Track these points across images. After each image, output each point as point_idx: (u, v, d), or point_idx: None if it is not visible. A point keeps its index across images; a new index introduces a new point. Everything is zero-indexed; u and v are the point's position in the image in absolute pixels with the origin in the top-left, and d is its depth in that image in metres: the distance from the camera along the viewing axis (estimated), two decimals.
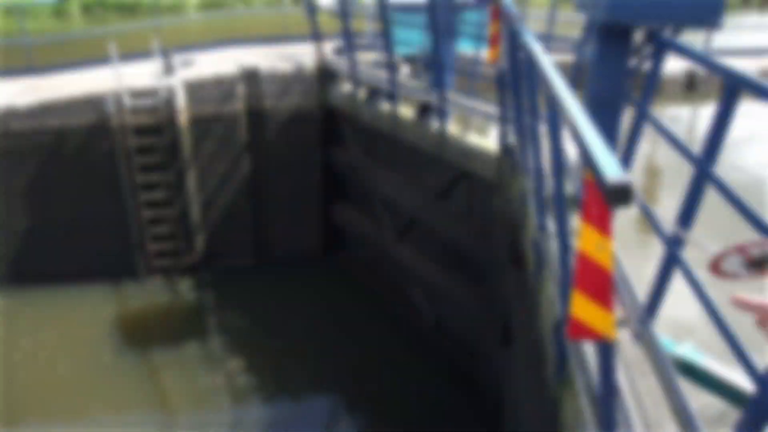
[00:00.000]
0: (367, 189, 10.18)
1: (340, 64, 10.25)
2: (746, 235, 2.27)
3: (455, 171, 8.00)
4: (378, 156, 9.98)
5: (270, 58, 11.29)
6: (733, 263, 1.96)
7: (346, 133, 10.70)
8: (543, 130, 3.96)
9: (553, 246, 4.06)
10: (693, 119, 12.05)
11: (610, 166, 1.65)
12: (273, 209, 11.27)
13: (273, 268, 11.60)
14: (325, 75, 10.59)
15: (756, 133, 10.64)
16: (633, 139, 4.09)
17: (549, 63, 3.04)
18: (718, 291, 2.70)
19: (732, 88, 2.84)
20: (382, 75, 9.15)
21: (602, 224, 1.87)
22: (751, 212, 2.54)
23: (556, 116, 2.92)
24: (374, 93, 9.42)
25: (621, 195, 1.58)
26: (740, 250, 1.94)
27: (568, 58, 9.79)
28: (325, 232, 11.70)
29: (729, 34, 17.36)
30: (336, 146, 10.95)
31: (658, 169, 9.43)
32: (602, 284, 2.00)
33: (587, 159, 1.79)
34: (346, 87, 10.33)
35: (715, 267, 1.98)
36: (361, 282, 11.15)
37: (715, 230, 5.71)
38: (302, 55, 11.37)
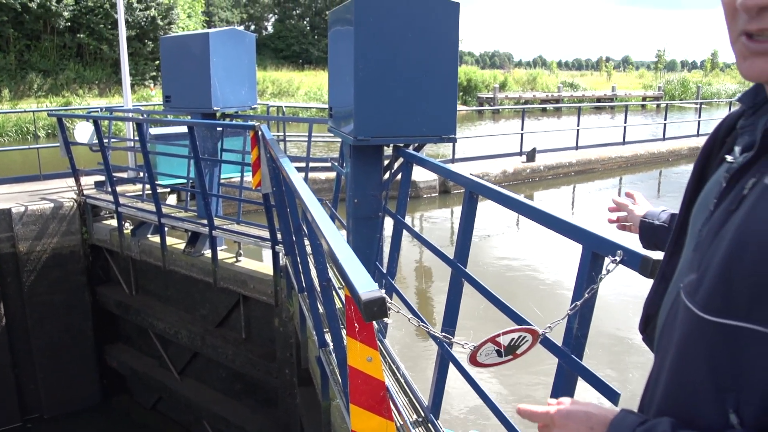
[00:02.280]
0: (143, 326, 9.68)
1: (103, 198, 9.86)
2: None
3: (232, 297, 7.91)
4: (150, 290, 9.59)
5: (24, 197, 10.57)
6: (488, 353, 2.13)
7: (115, 269, 10.19)
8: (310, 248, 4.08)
9: (334, 361, 4.12)
10: (450, 220, 13.03)
11: (363, 283, 1.74)
12: (38, 361, 10.26)
13: (43, 426, 10.45)
14: (87, 211, 10.11)
15: (497, 228, 11.74)
16: (394, 247, 4.34)
17: (303, 185, 3.17)
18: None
19: (469, 193, 3.16)
20: (147, 207, 8.93)
21: (366, 338, 1.94)
22: (501, 303, 2.79)
23: (316, 236, 3.03)
24: (141, 226, 9.14)
25: (376, 309, 1.66)
26: (492, 340, 2.11)
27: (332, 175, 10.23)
28: (101, 378, 10.84)
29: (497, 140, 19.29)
30: (105, 284, 10.37)
31: (429, 270, 10.01)
32: (376, 395, 2.05)
33: (343, 277, 1.87)
34: (110, 222, 9.92)
35: (474, 359, 2.14)
36: (145, 426, 10.39)
37: (482, 319, 6.13)
38: (61, 191, 10.79)
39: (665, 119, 22.37)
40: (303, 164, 9.32)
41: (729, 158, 1.06)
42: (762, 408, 0.89)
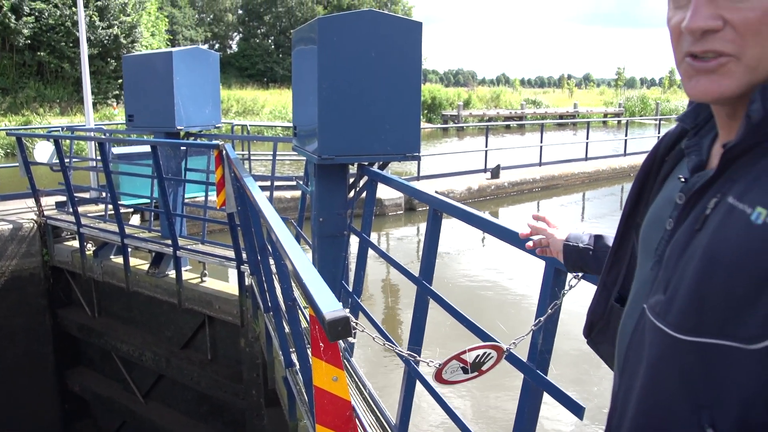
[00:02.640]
0: (106, 349, 9.50)
1: (64, 219, 9.70)
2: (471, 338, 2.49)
3: (197, 318, 7.82)
4: (114, 313, 9.42)
5: None
6: (453, 370, 2.14)
7: (77, 291, 10.00)
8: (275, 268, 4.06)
9: (301, 381, 4.09)
10: (416, 237, 13.06)
11: (327, 303, 1.74)
12: None
13: None
14: (48, 232, 9.92)
15: (463, 245, 11.80)
16: (360, 265, 4.34)
17: (268, 205, 3.16)
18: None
19: (434, 211, 3.18)
20: (110, 227, 8.81)
21: (332, 357, 1.93)
22: (467, 320, 2.80)
23: (280, 256, 3.03)
24: (103, 247, 9.00)
25: (340, 329, 1.66)
26: (457, 358, 2.12)
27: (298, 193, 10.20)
28: (62, 403, 10.59)
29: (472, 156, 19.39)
30: (66, 307, 10.16)
31: (396, 287, 10.01)
32: (342, 414, 2.04)
33: (307, 297, 1.87)
34: (72, 243, 9.75)
35: (439, 377, 2.14)
36: None
37: (449, 336, 6.15)
38: (20, 212, 10.59)
39: (626, 135, 22.77)
40: (268, 183, 9.30)
41: (682, 177, 1.08)
42: (738, 421, 0.91)
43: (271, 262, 4.51)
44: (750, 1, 0.90)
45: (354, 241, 4.76)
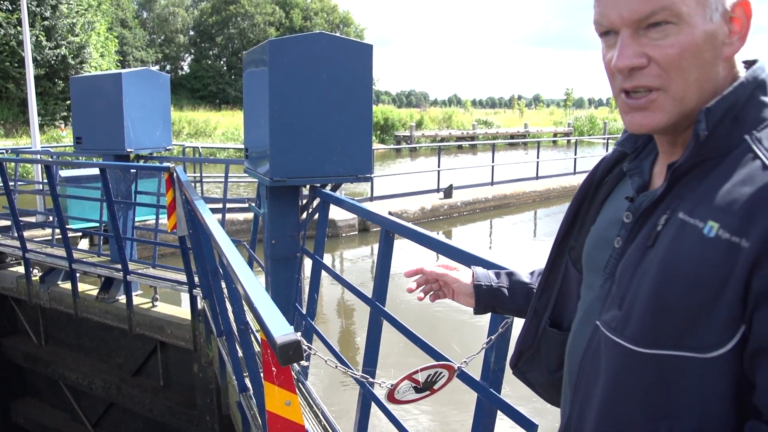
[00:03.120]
0: (53, 378, 9.23)
1: (8, 244, 9.44)
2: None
3: (149, 343, 7.66)
4: (61, 340, 9.17)
5: None
6: (405, 390, 2.15)
7: (22, 319, 9.72)
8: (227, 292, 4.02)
9: (255, 406, 4.04)
10: (370, 258, 13.06)
11: (278, 326, 1.73)
12: None
13: None
14: None
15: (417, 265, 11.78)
16: (313, 287, 4.32)
17: (218, 228, 3.14)
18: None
19: (385, 232, 3.19)
20: (57, 252, 8.60)
21: (284, 381, 1.92)
22: (420, 340, 2.82)
23: (232, 279, 3.00)
24: (50, 272, 8.77)
25: (292, 353, 1.66)
26: (409, 378, 2.13)
27: (250, 215, 10.12)
28: None
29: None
30: (11, 335, 9.86)
31: (351, 308, 9.98)
32: None
33: (258, 321, 1.86)
34: (17, 269, 9.48)
35: (392, 397, 2.15)
36: None
37: (404, 355, 6.14)
38: None
39: (575, 154, 23.24)
40: (220, 205, 9.21)
41: (628, 197, 1.13)
42: (696, 430, 0.95)
43: (224, 285, 4.46)
44: (669, 38, 0.98)
45: (308, 263, 4.75)
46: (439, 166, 17.59)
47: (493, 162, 18.92)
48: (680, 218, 0.98)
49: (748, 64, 1.07)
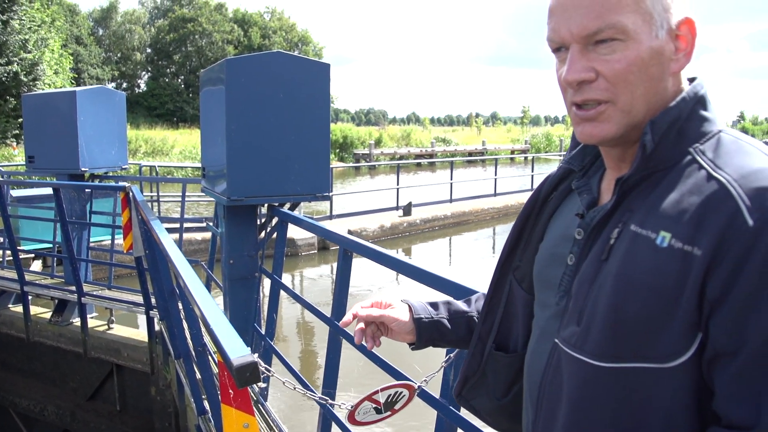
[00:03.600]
0: (3, 405, 8.97)
1: None
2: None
3: (105, 367, 7.50)
4: (12, 365, 8.91)
5: None
6: (366, 411, 2.13)
7: None
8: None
9: (213, 428, 3.98)
10: (330, 277, 13.00)
11: (235, 348, 1.71)
12: None
13: None
14: None
15: (378, 283, 11.84)
16: (272, 307, 4.29)
17: (174, 249, 3.10)
18: None
19: (344, 251, 3.19)
20: (8, 274, 8.39)
21: (242, 404, 1.90)
22: (380, 359, 2.81)
23: (188, 301, 2.96)
24: (1, 295, 8.55)
25: (249, 374, 1.64)
26: (369, 398, 2.12)
27: (208, 235, 10.01)
28: None
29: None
30: None
31: (311, 328, 9.92)
32: None
33: (215, 342, 1.83)
34: None
35: (352, 419, 2.13)
36: None
37: (365, 375, 6.12)
38: None
39: (533, 171, 23.54)
40: (178, 225, 9.10)
41: (578, 214, 1.15)
42: None
43: (181, 306, 4.40)
44: (616, 54, 1.02)
45: (267, 283, 4.71)
46: (398, 184, 17.66)
47: (451, 179, 19.07)
48: (632, 230, 1.00)
49: (690, 81, 1.10)
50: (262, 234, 4.76)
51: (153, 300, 6.33)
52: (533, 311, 1.28)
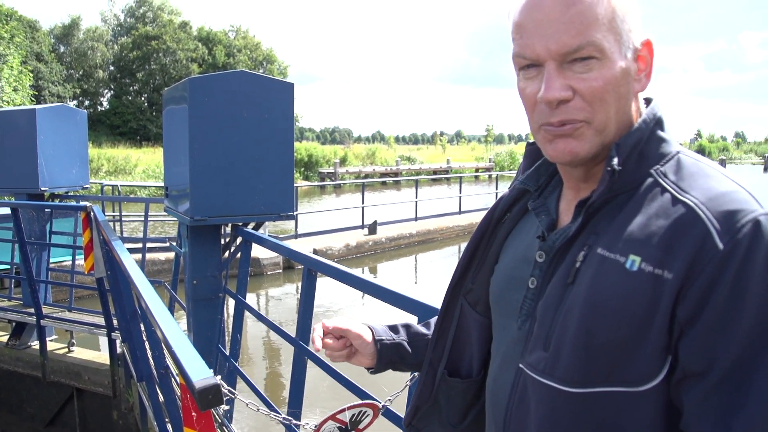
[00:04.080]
0: None
1: None
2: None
3: (64, 391, 7.33)
4: None
5: None
6: (330, 431, 2.12)
7: None
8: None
9: None
10: (295, 296, 12.92)
11: (197, 370, 1.69)
12: None
13: None
14: None
15: (344, 302, 11.80)
16: (236, 328, 4.25)
17: (136, 270, 3.06)
18: None
19: (308, 270, 3.18)
20: None
21: (205, 427, 1.87)
22: (344, 379, 2.80)
23: (150, 322, 2.93)
24: None
25: (211, 397, 1.62)
26: (333, 418, 2.11)
27: (172, 255, 9.90)
28: None
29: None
30: None
31: (277, 348, 9.84)
32: None
33: (177, 364, 1.81)
34: None
35: None
36: None
37: (331, 394, 6.08)
38: None
39: (497, 188, 23.78)
40: (140, 245, 8.99)
41: (539, 236, 1.13)
42: None
43: (143, 328, 4.34)
44: (593, 72, 1.01)
45: (232, 303, 4.67)
46: (363, 203, 17.67)
47: (416, 197, 19.14)
48: (599, 254, 0.99)
49: (647, 101, 1.11)
50: (226, 254, 4.73)
51: (115, 322, 6.23)
52: (490, 334, 1.26)
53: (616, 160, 1.01)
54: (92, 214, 5.80)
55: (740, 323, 0.89)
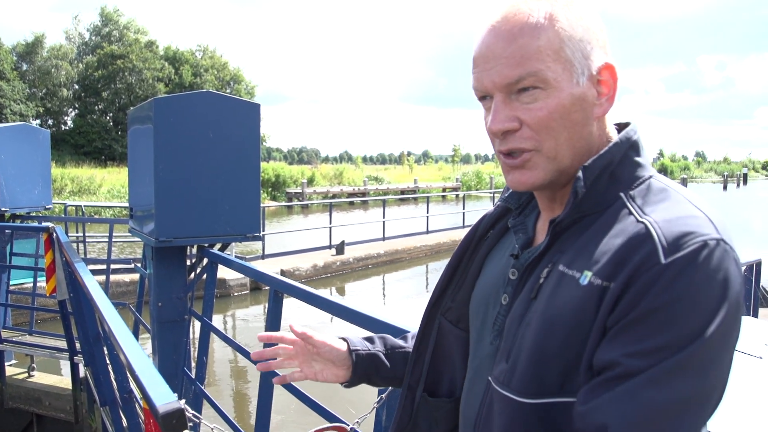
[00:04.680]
0: None
1: None
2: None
3: (23, 418, 7.16)
4: None
5: None
6: None
7: None
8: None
9: None
10: (262, 317, 12.80)
11: (160, 394, 1.67)
12: None
13: None
14: None
15: (311, 322, 11.72)
16: (202, 350, 4.20)
17: (99, 292, 3.02)
18: None
19: (274, 291, 3.16)
20: None
21: None
22: (311, 401, 2.78)
23: (113, 346, 2.88)
24: None
25: (175, 421, 1.60)
26: None
27: (137, 276, 9.76)
28: None
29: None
30: None
31: (244, 369, 9.72)
32: None
33: (140, 389, 1.79)
34: None
35: None
36: None
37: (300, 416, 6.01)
38: None
39: (464, 208, 23.91)
40: (105, 266, 8.86)
41: (514, 254, 1.17)
42: None
43: (106, 351, 4.27)
44: (538, 102, 1.04)
45: (198, 325, 4.61)
46: (330, 223, 17.65)
47: (384, 217, 19.16)
48: (560, 270, 1.02)
49: (621, 126, 1.14)
50: (192, 275, 4.68)
51: (78, 345, 6.12)
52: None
53: (581, 184, 1.03)
54: (55, 235, 5.71)
55: (655, 334, 0.90)
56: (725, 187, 78.62)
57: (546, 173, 1.07)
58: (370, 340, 1.50)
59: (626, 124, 1.14)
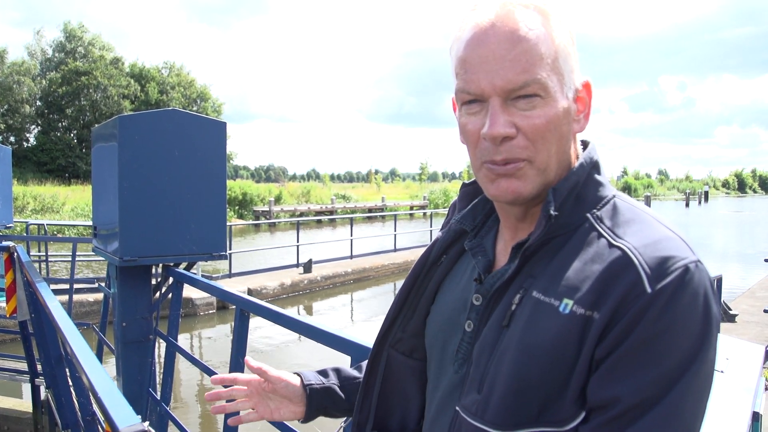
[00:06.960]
0: None
1: None
2: None
3: None
4: None
5: None
6: None
7: None
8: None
9: None
10: (230, 337, 12.67)
11: (124, 417, 1.64)
12: None
13: None
14: None
15: (280, 340, 11.65)
16: (167, 371, 4.15)
17: (61, 313, 2.97)
18: None
19: (240, 311, 3.15)
20: None
21: None
22: (281, 424, 2.76)
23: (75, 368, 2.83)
24: None
25: None
26: None
27: (101, 296, 9.61)
28: None
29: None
30: None
31: (210, 390, 9.59)
32: None
33: (103, 411, 1.76)
34: None
35: None
36: None
37: None
38: None
39: (431, 226, 24.00)
40: (68, 286, 8.71)
41: (476, 278, 1.13)
42: None
43: (69, 373, 4.19)
44: (537, 110, 1.01)
45: (164, 345, 4.55)
46: (298, 241, 17.58)
47: (351, 236, 19.16)
48: (535, 297, 1.00)
49: (583, 144, 1.13)
50: (157, 295, 4.62)
51: (39, 367, 5.99)
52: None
53: (552, 206, 1.01)
54: (15, 254, 5.61)
55: (649, 367, 0.90)
56: (687, 204, 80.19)
57: (534, 185, 1.03)
58: (323, 373, 1.47)
59: (587, 143, 1.13)
